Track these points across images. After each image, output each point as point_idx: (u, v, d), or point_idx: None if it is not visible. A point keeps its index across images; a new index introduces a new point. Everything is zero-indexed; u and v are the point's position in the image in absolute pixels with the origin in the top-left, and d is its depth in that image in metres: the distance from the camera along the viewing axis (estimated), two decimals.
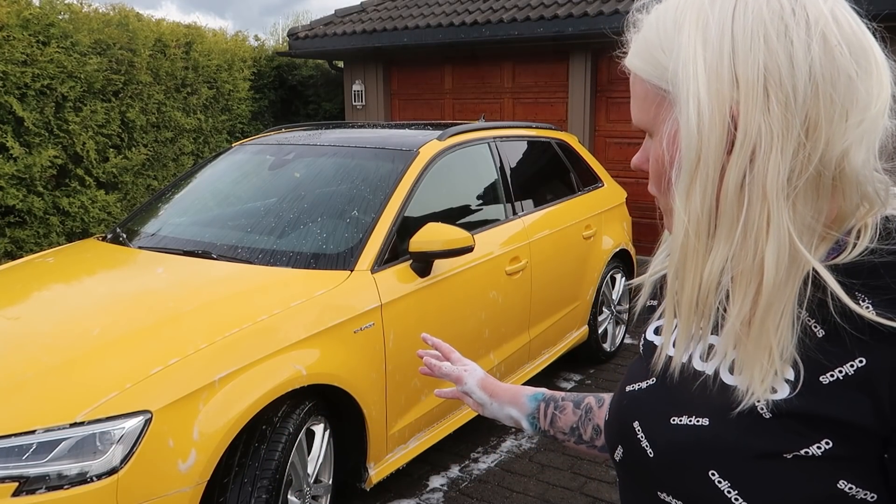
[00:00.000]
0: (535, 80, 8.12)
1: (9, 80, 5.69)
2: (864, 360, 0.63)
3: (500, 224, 3.72)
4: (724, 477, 0.68)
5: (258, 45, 9.39)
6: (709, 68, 0.64)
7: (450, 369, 1.14)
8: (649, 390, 0.81)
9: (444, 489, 3.18)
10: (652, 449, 0.75)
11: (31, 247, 5.99)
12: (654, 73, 0.70)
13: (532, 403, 1.07)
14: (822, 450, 0.64)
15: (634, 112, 0.75)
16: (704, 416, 0.72)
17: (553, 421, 1.05)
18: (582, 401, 1.05)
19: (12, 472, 1.91)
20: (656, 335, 0.85)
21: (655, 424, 0.76)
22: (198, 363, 2.23)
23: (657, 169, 0.74)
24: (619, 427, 0.82)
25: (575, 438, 1.04)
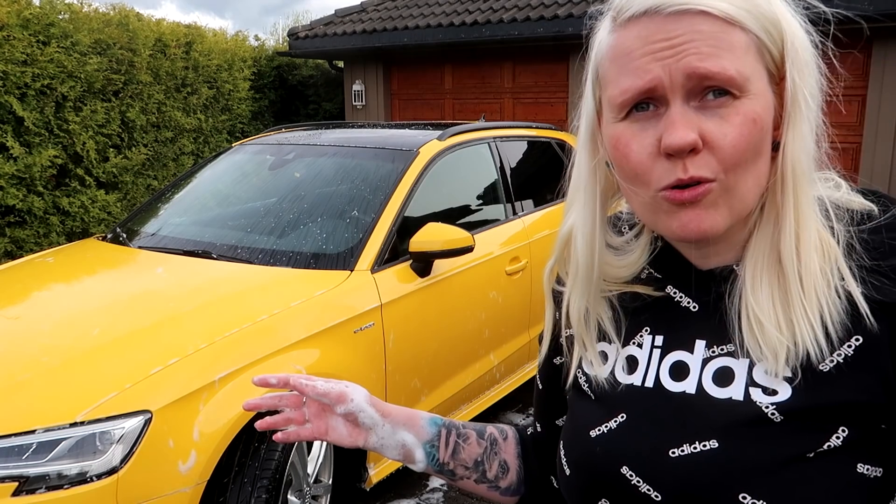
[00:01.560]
0: (535, 80, 8.12)
1: (9, 79, 5.69)
2: (860, 338, 0.63)
3: (500, 224, 3.72)
4: (758, 496, 0.62)
5: (258, 45, 9.39)
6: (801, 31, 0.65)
7: (326, 387, 0.87)
8: (623, 428, 0.71)
9: (444, 489, 3.18)
10: (657, 492, 0.67)
11: (31, 247, 5.99)
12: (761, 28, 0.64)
13: (432, 428, 0.90)
14: (840, 439, 0.63)
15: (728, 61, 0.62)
16: (709, 438, 0.66)
17: (455, 452, 0.89)
18: (484, 431, 0.92)
19: (12, 471, 1.91)
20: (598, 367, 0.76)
21: (652, 463, 0.68)
22: (198, 363, 2.23)
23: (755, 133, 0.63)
24: (598, 480, 0.72)
25: (478, 475, 0.90)
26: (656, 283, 0.74)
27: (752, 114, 0.63)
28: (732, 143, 0.63)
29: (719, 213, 0.65)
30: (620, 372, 0.73)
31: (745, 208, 0.66)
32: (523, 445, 0.94)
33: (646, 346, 0.73)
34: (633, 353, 0.74)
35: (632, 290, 0.75)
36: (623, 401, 0.72)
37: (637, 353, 0.74)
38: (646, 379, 0.72)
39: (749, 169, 0.64)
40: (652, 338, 0.73)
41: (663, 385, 0.70)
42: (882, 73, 6.26)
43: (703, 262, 0.72)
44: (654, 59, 0.63)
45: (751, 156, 0.64)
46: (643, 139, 0.65)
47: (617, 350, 0.75)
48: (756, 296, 0.65)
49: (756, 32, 0.63)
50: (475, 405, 3.47)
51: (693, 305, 0.72)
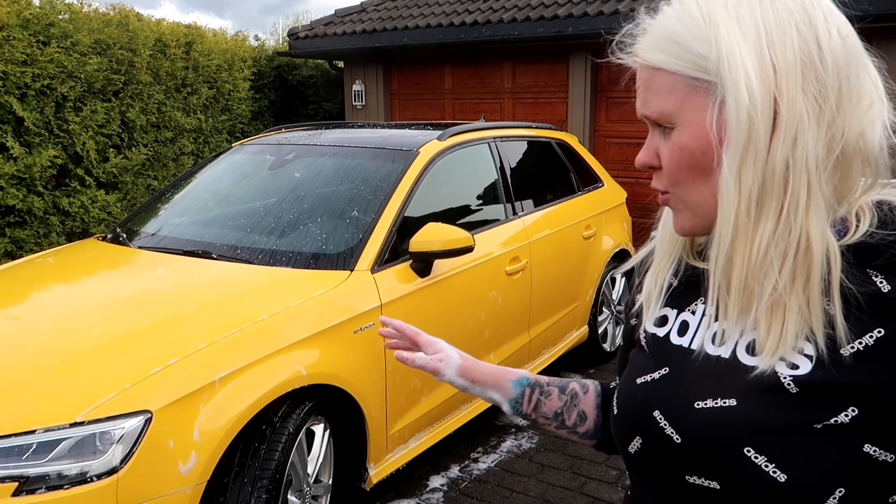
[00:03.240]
0: (536, 80, 8.12)
1: (9, 79, 5.69)
2: (882, 330, 0.69)
3: (500, 224, 3.72)
4: (760, 452, 0.71)
5: (258, 45, 9.39)
6: (753, 55, 0.70)
7: (423, 361, 1.07)
8: (663, 379, 0.82)
9: (444, 489, 3.18)
10: (679, 435, 0.77)
11: (31, 247, 5.99)
12: (685, 65, 0.74)
13: (517, 389, 1.06)
14: (849, 417, 0.69)
15: (654, 105, 0.77)
16: (731, 397, 0.74)
17: (537, 406, 1.05)
18: (567, 386, 1.06)
19: (12, 471, 1.91)
20: (658, 326, 0.87)
21: (679, 411, 0.78)
22: (198, 363, 2.23)
23: (683, 158, 0.76)
24: (635, 419, 0.83)
25: (557, 423, 1.05)
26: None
27: (679, 143, 0.76)
28: (666, 165, 0.78)
29: (684, 216, 0.79)
30: (674, 334, 0.84)
31: (710, 213, 0.76)
32: (603, 397, 1.07)
33: (698, 313, 0.84)
34: (686, 319, 0.85)
35: (695, 263, 0.85)
36: (669, 357, 0.83)
37: (690, 318, 0.84)
38: (692, 342, 0.82)
39: (695, 183, 0.76)
40: (704, 307, 0.83)
41: (704, 348, 0.80)
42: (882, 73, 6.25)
43: None
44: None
45: (689, 175, 0.76)
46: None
47: (676, 315, 0.86)
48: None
49: (682, 72, 0.74)
50: (475, 405, 3.47)
51: None
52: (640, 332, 0.91)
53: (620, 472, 3.31)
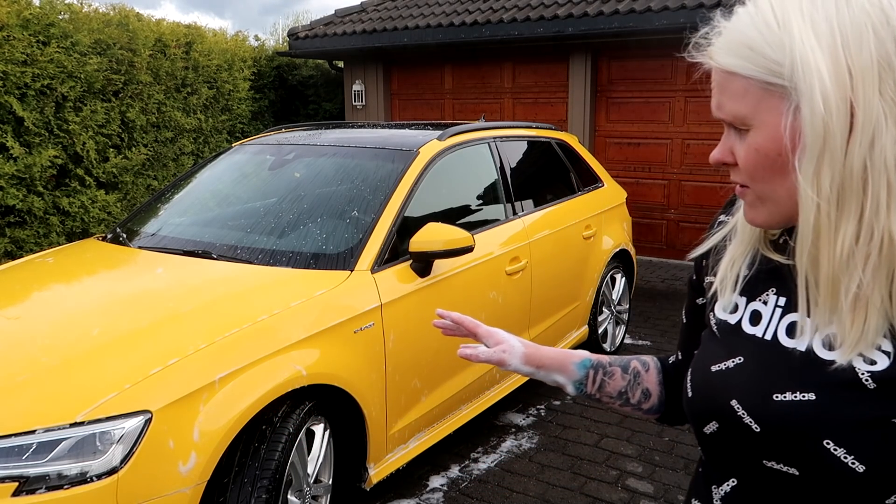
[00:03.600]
0: (535, 80, 8.12)
1: (9, 80, 5.69)
2: None
3: (500, 224, 3.72)
4: (839, 445, 0.74)
5: (258, 45, 9.39)
6: (828, 60, 0.71)
7: (487, 355, 1.08)
8: (738, 369, 0.85)
9: (444, 489, 3.18)
10: (758, 425, 0.80)
11: (31, 247, 5.99)
12: (759, 70, 0.75)
13: (580, 371, 1.09)
14: None
15: (729, 107, 0.79)
16: (809, 391, 0.77)
17: (601, 386, 1.09)
18: (628, 365, 1.10)
19: (12, 472, 1.91)
20: (728, 313, 0.89)
21: (757, 402, 0.81)
22: (198, 363, 2.23)
23: (758, 158, 0.78)
24: (711, 405, 0.86)
25: (622, 402, 1.09)
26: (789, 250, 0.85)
27: (755, 145, 0.78)
28: (743, 164, 0.80)
29: (759, 211, 0.82)
30: (746, 322, 0.86)
31: (785, 211, 0.80)
32: (665, 373, 1.11)
33: (770, 304, 0.85)
34: (758, 308, 0.86)
35: (770, 254, 0.87)
36: (743, 346, 0.85)
37: (762, 308, 0.86)
38: (766, 332, 0.84)
39: (771, 182, 0.79)
40: (776, 298, 0.85)
41: (779, 339, 0.82)
42: None
43: None
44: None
45: (765, 174, 0.79)
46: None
47: (746, 303, 0.88)
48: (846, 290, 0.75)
49: (755, 76, 0.76)
50: (475, 405, 3.47)
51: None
52: (710, 317, 0.93)
53: (620, 472, 3.31)
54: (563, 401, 4.09)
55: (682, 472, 3.31)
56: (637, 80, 7.46)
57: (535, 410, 3.97)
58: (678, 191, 7.45)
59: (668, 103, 7.32)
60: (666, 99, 7.32)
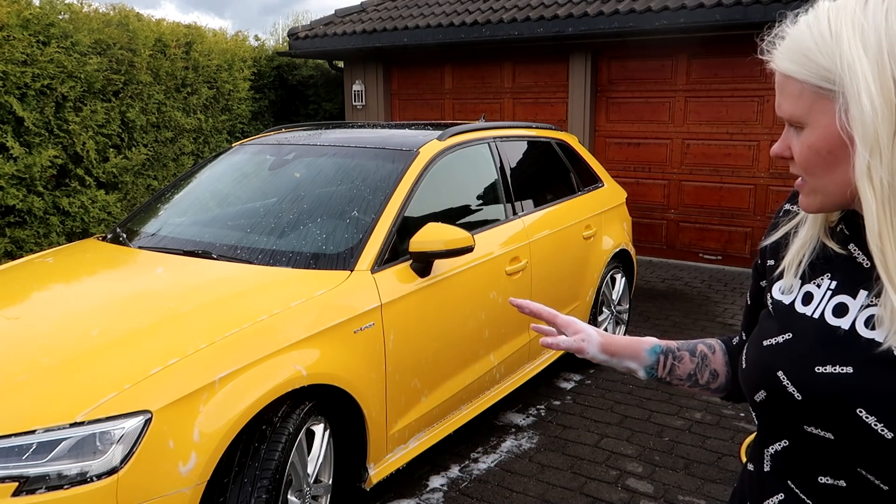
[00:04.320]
0: (535, 80, 8.12)
1: (9, 80, 5.69)
2: None
3: (500, 224, 3.72)
4: (871, 413, 0.82)
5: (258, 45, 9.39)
6: (874, 67, 0.79)
7: (567, 343, 1.19)
8: (787, 343, 0.94)
9: (444, 489, 3.18)
10: (800, 394, 0.90)
11: (31, 247, 5.99)
12: (812, 75, 0.84)
13: (651, 357, 1.18)
14: None
15: (786, 107, 0.89)
16: (847, 364, 0.86)
17: (672, 370, 1.18)
18: (695, 349, 1.19)
19: (12, 472, 1.91)
20: (783, 294, 0.99)
21: (801, 373, 0.90)
22: (198, 363, 2.23)
23: (811, 155, 0.87)
24: (761, 375, 0.96)
25: (691, 383, 1.19)
26: (844, 238, 0.95)
27: (808, 142, 0.87)
28: (797, 160, 0.90)
29: (812, 199, 0.91)
30: (798, 303, 0.96)
31: (835, 200, 0.89)
32: (730, 354, 1.20)
33: (823, 287, 0.94)
34: (811, 290, 0.95)
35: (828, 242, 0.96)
36: (793, 324, 0.95)
37: (815, 290, 0.95)
38: (815, 312, 0.93)
39: (824, 176, 0.87)
40: (830, 282, 0.93)
41: (825, 318, 0.91)
42: None
43: None
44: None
45: (819, 169, 0.87)
46: None
47: (801, 285, 0.97)
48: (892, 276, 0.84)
49: (809, 81, 0.84)
50: (475, 405, 3.47)
51: (866, 262, 0.91)
52: (767, 298, 1.02)
53: (620, 472, 3.31)
54: (563, 401, 4.09)
55: (682, 472, 3.31)
56: (637, 80, 7.46)
57: (535, 410, 3.97)
58: (678, 191, 7.45)
59: (668, 103, 7.32)
60: (666, 99, 7.32)
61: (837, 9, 0.84)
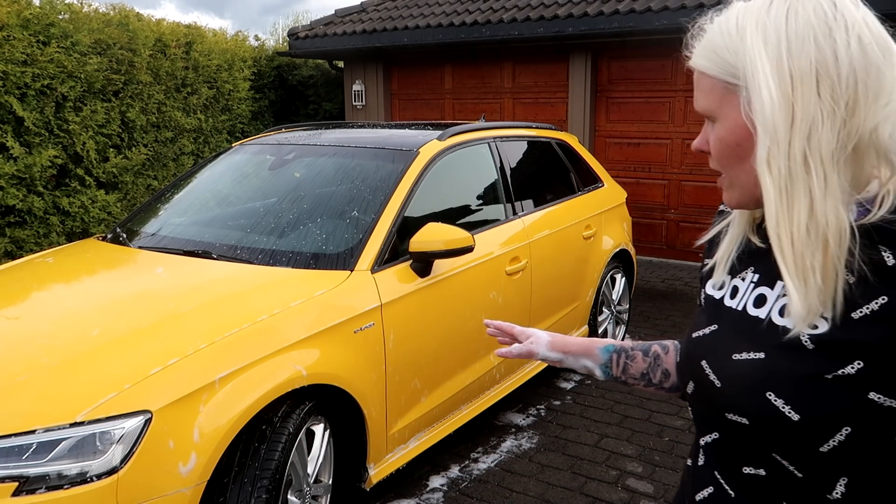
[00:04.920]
0: (536, 80, 8.12)
1: (9, 80, 5.69)
2: (886, 297, 0.81)
3: (500, 224, 3.72)
4: (779, 396, 0.86)
5: (258, 45, 9.39)
6: (773, 63, 0.84)
7: (518, 349, 1.26)
8: (712, 335, 0.99)
9: (444, 489, 3.18)
10: (719, 381, 0.94)
11: (31, 247, 5.99)
12: (721, 70, 0.89)
13: (605, 355, 1.23)
14: (854, 369, 0.82)
15: (700, 102, 0.93)
16: (760, 351, 0.90)
17: (625, 369, 1.22)
18: (649, 349, 1.23)
19: (12, 471, 1.91)
20: (715, 290, 1.03)
21: (721, 361, 0.94)
22: (198, 363, 2.22)
23: (723, 147, 0.92)
24: (689, 366, 1.01)
25: (644, 382, 1.22)
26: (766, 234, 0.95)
27: (719, 135, 0.92)
28: (713, 153, 0.94)
29: (731, 194, 0.95)
30: (727, 297, 1.00)
31: (751, 193, 0.91)
32: None
33: (747, 280, 0.98)
34: (737, 284, 1.00)
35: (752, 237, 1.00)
36: (720, 316, 0.99)
37: (740, 284, 0.99)
38: (739, 304, 0.97)
39: (735, 168, 0.92)
40: (752, 275, 0.98)
41: (747, 310, 0.95)
42: None
43: None
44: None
45: (731, 161, 0.92)
46: None
47: (730, 280, 1.01)
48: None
49: (718, 76, 0.89)
50: (475, 405, 3.47)
51: None
52: (701, 294, 1.07)
53: (620, 472, 3.31)
54: (563, 401, 4.09)
55: (682, 471, 3.31)
56: (637, 80, 7.46)
57: (535, 410, 3.97)
58: (678, 191, 7.45)
59: (668, 103, 7.31)
60: (666, 99, 7.32)
61: (745, 8, 0.88)
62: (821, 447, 0.84)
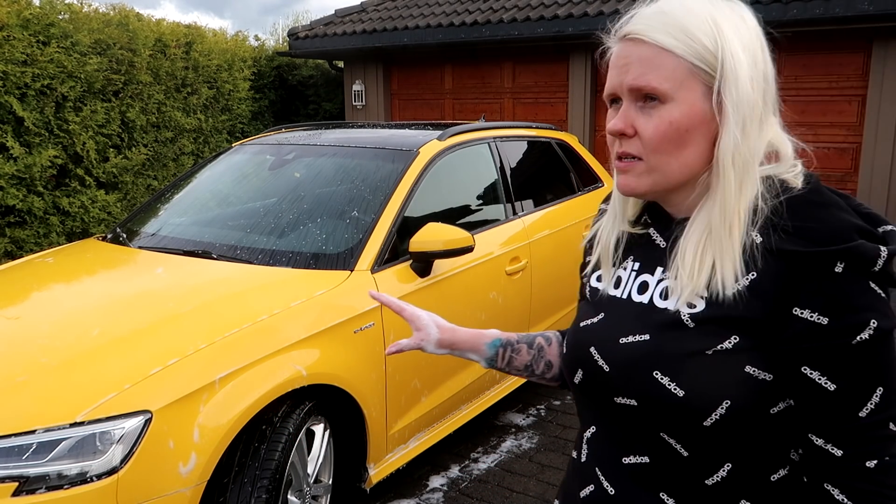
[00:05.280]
0: (536, 80, 8.12)
1: (9, 80, 5.69)
2: (755, 273, 0.88)
3: (500, 224, 3.72)
4: (665, 374, 0.90)
5: (258, 45, 9.40)
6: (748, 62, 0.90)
7: (408, 345, 1.24)
8: (600, 323, 1.02)
9: (444, 489, 3.18)
10: (607, 365, 0.97)
11: (31, 247, 5.99)
12: (691, 53, 0.89)
13: (491, 350, 1.24)
14: (732, 344, 0.88)
15: (653, 79, 0.90)
16: (645, 333, 0.94)
17: (510, 362, 1.24)
18: (533, 341, 1.25)
19: (12, 472, 1.91)
20: (600, 282, 1.07)
21: (608, 346, 0.98)
22: (198, 363, 2.22)
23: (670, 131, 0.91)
24: (577, 355, 1.03)
25: (528, 373, 1.24)
26: (645, 225, 1.04)
27: (669, 117, 0.90)
28: (649, 135, 0.91)
29: (641, 181, 0.94)
30: (610, 287, 1.04)
31: (668, 182, 0.94)
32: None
33: (629, 269, 1.03)
34: (620, 274, 1.04)
35: (631, 230, 1.04)
36: (606, 305, 1.03)
37: (622, 274, 1.03)
38: (623, 292, 1.01)
39: (671, 155, 0.92)
40: (633, 263, 1.02)
41: (632, 297, 1.00)
42: (882, 73, 6.26)
43: (675, 213, 1.00)
44: (617, 72, 0.94)
45: (669, 147, 0.91)
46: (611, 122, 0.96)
47: (613, 272, 1.05)
48: (687, 241, 0.93)
49: (688, 58, 0.89)
50: (475, 405, 3.47)
51: (662, 243, 1.00)
52: (586, 289, 1.11)
53: None
54: (564, 401, 4.09)
55: None
56: None
57: (535, 410, 3.97)
58: None
59: None
60: None
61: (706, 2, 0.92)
62: (704, 421, 0.88)
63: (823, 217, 0.87)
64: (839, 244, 0.84)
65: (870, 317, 0.83)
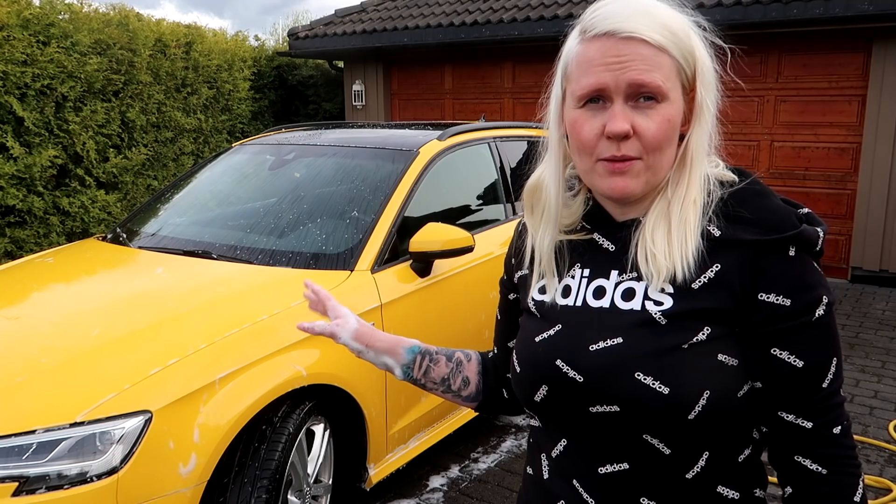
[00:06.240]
0: (536, 80, 8.12)
1: (9, 80, 5.69)
2: (719, 265, 0.91)
3: (500, 224, 3.71)
4: (647, 374, 0.89)
5: (258, 45, 9.40)
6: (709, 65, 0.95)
7: (322, 327, 1.19)
8: (559, 334, 0.99)
9: (444, 489, 3.18)
10: (581, 375, 0.94)
11: (31, 247, 5.99)
12: (678, 52, 0.91)
13: (409, 356, 1.18)
14: (705, 335, 0.90)
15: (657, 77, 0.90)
16: (616, 336, 0.93)
17: (427, 372, 1.18)
18: (453, 355, 1.20)
19: (12, 472, 1.91)
20: (543, 295, 1.03)
21: (578, 356, 0.95)
22: (197, 363, 2.22)
23: (668, 129, 0.92)
24: (540, 371, 0.98)
25: (443, 388, 1.19)
26: (587, 232, 1.03)
27: (668, 115, 0.91)
28: (653, 134, 0.91)
29: (638, 182, 0.93)
30: (559, 297, 1.01)
31: (658, 180, 0.95)
32: (483, 365, 1.22)
33: (577, 277, 1.01)
34: (568, 283, 1.01)
35: (569, 238, 1.03)
36: (560, 316, 1.00)
37: (571, 282, 1.01)
38: (576, 300, 0.99)
39: (664, 153, 0.93)
40: (581, 271, 1.01)
41: (588, 303, 0.98)
42: (882, 73, 6.26)
43: (620, 216, 1.00)
44: (607, 69, 0.91)
45: (665, 144, 0.92)
46: (593, 123, 0.93)
47: (557, 282, 1.02)
48: (653, 237, 0.93)
49: (677, 58, 0.91)
50: None
51: (611, 246, 1.00)
52: (527, 303, 1.06)
53: None
54: None
55: None
56: None
57: None
58: None
59: None
60: None
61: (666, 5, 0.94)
62: (689, 415, 0.88)
63: (770, 206, 0.92)
64: (790, 230, 0.89)
65: (821, 292, 0.90)
